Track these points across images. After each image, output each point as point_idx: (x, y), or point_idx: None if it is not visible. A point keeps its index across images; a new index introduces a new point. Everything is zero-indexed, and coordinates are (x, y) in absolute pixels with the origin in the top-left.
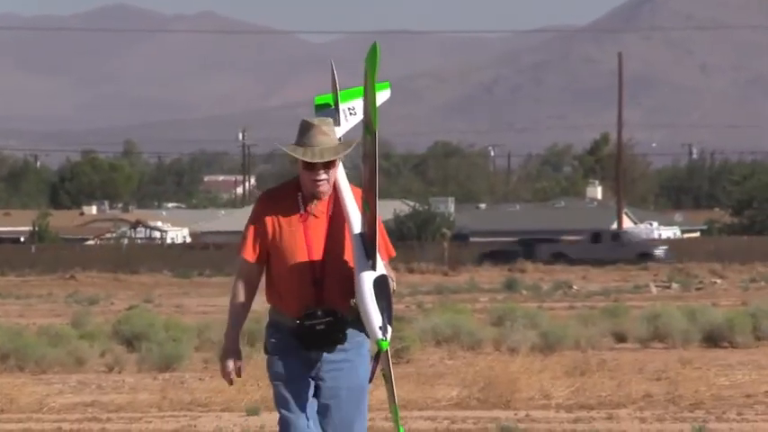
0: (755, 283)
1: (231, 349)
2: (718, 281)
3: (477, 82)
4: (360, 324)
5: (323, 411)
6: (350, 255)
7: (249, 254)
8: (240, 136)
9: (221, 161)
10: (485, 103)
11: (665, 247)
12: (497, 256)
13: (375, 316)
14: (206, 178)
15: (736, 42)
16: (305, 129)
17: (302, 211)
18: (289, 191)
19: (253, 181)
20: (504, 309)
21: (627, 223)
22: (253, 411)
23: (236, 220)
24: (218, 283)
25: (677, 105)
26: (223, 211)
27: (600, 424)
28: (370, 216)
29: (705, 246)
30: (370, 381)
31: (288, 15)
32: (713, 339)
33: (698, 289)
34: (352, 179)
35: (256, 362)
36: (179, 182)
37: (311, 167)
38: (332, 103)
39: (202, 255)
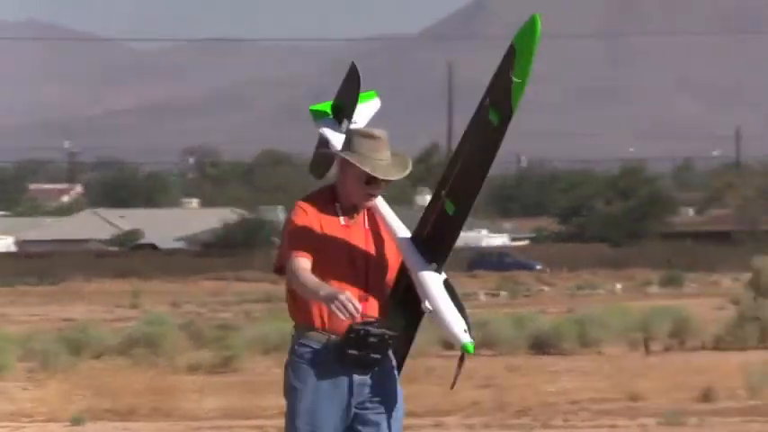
0: (582, 290)
1: (336, 290)
2: (546, 288)
3: (308, 90)
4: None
5: (374, 428)
6: (391, 267)
7: (302, 253)
8: (66, 144)
9: (46, 169)
10: None
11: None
12: None
13: (456, 319)
14: (31, 186)
15: (566, 52)
16: (366, 138)
17: (343, 222)
18: (326, 199)
19: (79, 189)
20: None
21: None
22: (78, 421)
23: (62, 228)
24: (43, 293)
25: None
26: (49, 220)
27: (428, 431)
28: (455, 216)
29: (533, 253)
30: (453, 387)
31: (112, 22)
32: (540, 346)
33: (525, 296)
34: None
35: (81, 370)
36: (3, 190)
37: (372, 183)
38: (329, 112)
39: (27, 263)
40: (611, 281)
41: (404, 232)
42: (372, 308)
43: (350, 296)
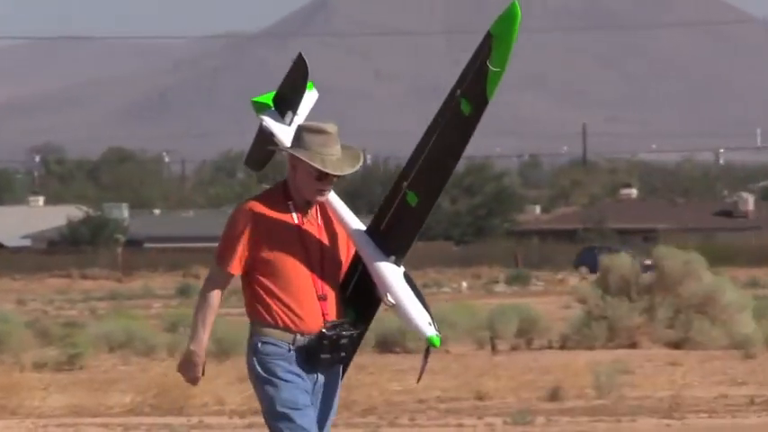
0: (428, 288)
1: (201, 356)
2: None
3: (153, 88)
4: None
5: None
6: (345, 262)
7: (234, 267)
8: None
9: None
10: (160, 109)
11: None
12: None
13: (420, 312)
14: None
15: (410, 49)
16: (316, 133)
17: (296, 219)
18: (276, 198)
19: None
20: (177, 315)
21: None
22: None
23: None
24: None
25: (351, 111)
26: None
27: None
28: (418, 208)
29: None
30: (419, 381)
31: None
32: (386, 345)
33: None
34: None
35: None
36: None
37: (323, 178)
38: (271, 104)
39: None
40: (457, 279)
41: (358, 225)
42: (331, 305)
43: (198, 372)
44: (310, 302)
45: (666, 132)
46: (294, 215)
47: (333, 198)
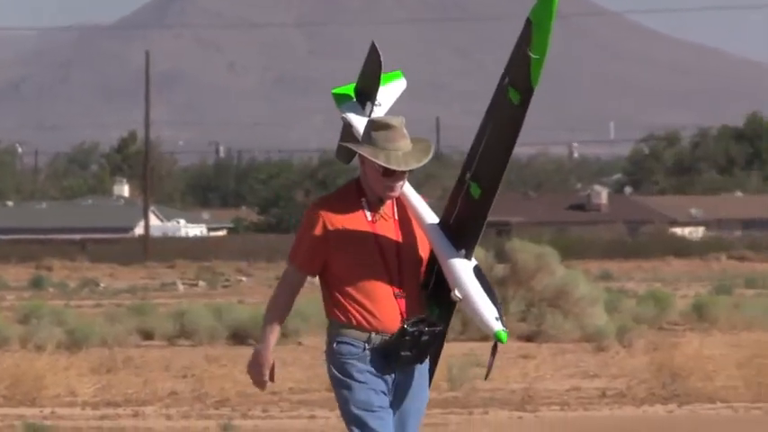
0: None
1: (267, 356)
2: (245, 278)
3: (4, 80)
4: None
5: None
6: (424, 258)
7: (306, 263)
8: None
9: None
10: (12, 101)
11: None
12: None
13: (488, 307)
14: None
15: (263, 41)
16: (381, 128)
17: (370, 216)
18: (349, 195)
19: None
20: (30, 306)
21: (153, 221)
22: None
23: None
24: None
25: (205, 103)
26: None
27: (126, 421)
28: (481, 200)
29: (232, 244)
30: (487, 377)
31: None
32: (239, 337)
33: (224, 287)
34: None
35: None
36: None
37: (391, 174)
38: (352, 95)
39: None
40: None
41: (431, 219)
42: (411, 303)
43: (266, 374)
44: (386, 301)
45: None
46: (367, 212)
47: (408, 192)
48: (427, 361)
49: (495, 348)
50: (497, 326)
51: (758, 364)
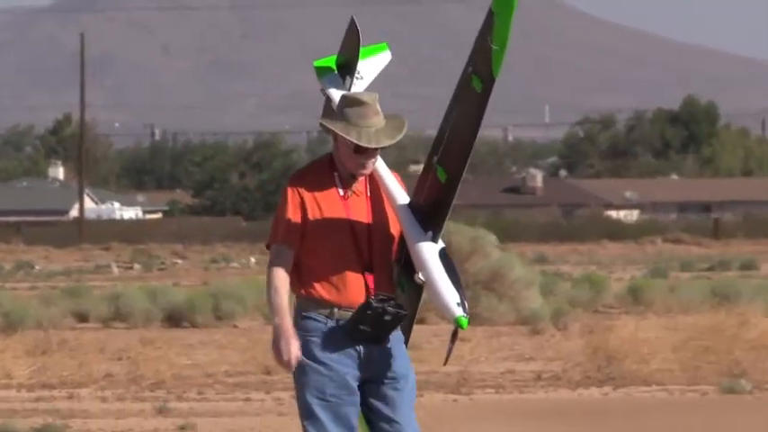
0: (216, 263)
1: (290, 331)
2: (180, 261)
3: None
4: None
5: (388, 402)
6: (393, 236)
7: (288, 240)
8: None
9: None
10: None
11: None
12: None
13: (450, 292)
14: None
15: (197, 24)
16: (354, 104)
17: (341, 192)
18: (322, 170)
19: None
20: None
21: (89, 204)
22: None
23: None
24: None
25: (140, 86)
26: None
27: (61, 403)
28: (447, 184)
29: (167, 226)
30: (446, 363)
31: None
32: (175, 319)
33: (160, 269)
34: None
35: None
36: None
37: (362, 151)
38: (334, 68)
39: None
40: (245, 254)
41: (402, 199)
42: (379, 280)
43: (293, 351)
44: (353, 276)
45: None
46: (339, 188)
47: (381, 170)
48: (398, 332)
49: (455, 334)
50: (458, 311)
51: (693, 346)
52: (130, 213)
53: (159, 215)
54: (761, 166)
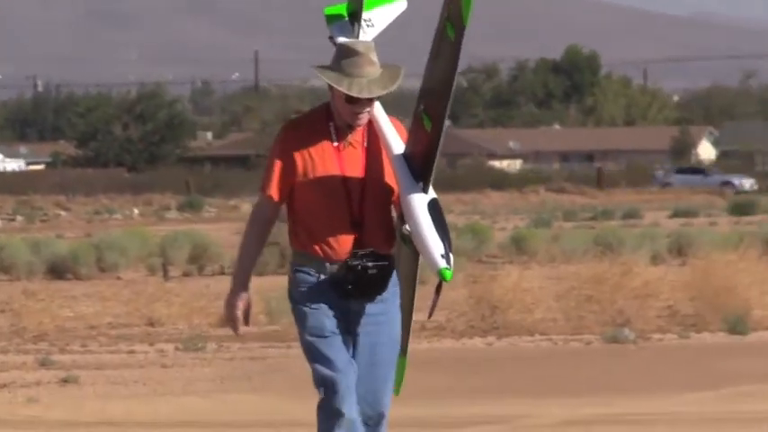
0: (99, 215)
1: (242, 291)
2: (63, 213)
3: None
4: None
5: (359, 369)
6: (391, 188)
7: (274, 191)
8: None
9: None
10: None
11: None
12: None
13: (435, 243)
14: None
15: None
16: (348, 54)
17: (336, 143)
18: (318, 119)
19: None
20: None
21: None
22: None
23: None
24: None
25: (20, 38)
26: None
27: None
28: (432, 132)
29: (50, 178)
30: (430, 316)
31: None
32: (58, 271)
33: (42, 221)
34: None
35: None
36: None
37: (355, 101)
38: (345, 15)
39: None
40: (129, 206)
41: (398, 149)
42: (371, 234)
43: (239, 308)
44: (343, 230)
45: None
46: (334, 137)
47: (380, 119)
48: (396, 290)
49: (439, 287)
50: (442, 263)
51: (576, 296)
52: (13, 165)
53: (42, 167)
54: (643, 116)
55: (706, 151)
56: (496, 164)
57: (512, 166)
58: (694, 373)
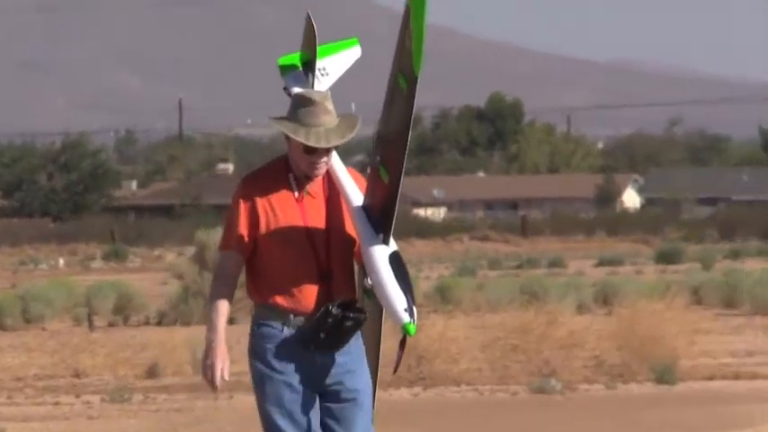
0: (25, 265)
1: (220, 348)
2: None
3: None
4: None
5: (342, 422)
6: (353, 239)
7: (238, 247)
8: None
9: None
10: None
11: None
12: None
13: (398, 296)
14: None
15: (2, 25)
16: (303, 104)
17: (296, 193)
18: (277, 171)
19: None
20: None
21: None
22: None
23: None
24: None
25: None
26: None
27: None
28: (390, 184)
29: None
30: (396, 371)
31: None
32: None
33: None
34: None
35: None
36: None
37: (312, 151)
38: (299, 64)
39: None
40: (54, 256)
41: (357, 200)
42: (338, 284)
43: (217, 367)
44: (309, 282)
45: (261, 107)
46: (294, 190)
47: (338, 169)
48: (360, 343)
49: (403, 341)
50: (405, 317)
51: (502, 346)
52: None
53: None
54: (567, 163)
55: (631, 199)
56: (421, 212)
57: (436, 214)
58: (622, 423)
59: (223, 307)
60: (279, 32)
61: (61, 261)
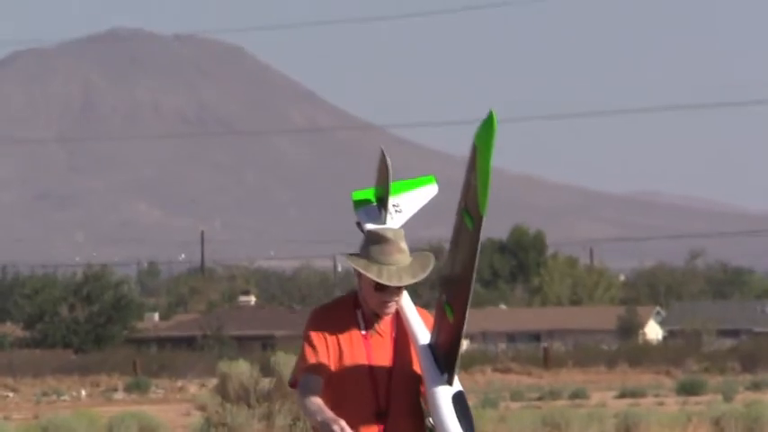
0: (47, 396)
1: (337, 418)
2: (11, 394)
3: None
4: None
5: None
6: (420, 378)
7: (316, 370)
8: None
9: None
10: None
11: None
12: None
13: None
14: None
15: (23, 156)
16: (377, 241)
17: (364, 331)
18: (346, 307)
19: None
20: None
21: None
22: None
23: None
24: None
25: None
26: None
27: None
28: (455, 323)
29: None
30: None
31: None
32: None
33: None
34: None
35: None
36: None
37: (383, 289)
38: (373, 200)
39: None
40: (76, 387)
41: (423, 338)
42: (395, 423)
43: (343, 426)
44: (364, 419)
45: (284, 239)
46: (362, 326)
47: (406, 308)
48: None
49: None
50: None
51: None
52: None
53: None
54: (589, 295)
55: (653, 330)
56: None
57: None
58: None
59: (320, 401)
60: (299, 164)
61: (83, 392)
